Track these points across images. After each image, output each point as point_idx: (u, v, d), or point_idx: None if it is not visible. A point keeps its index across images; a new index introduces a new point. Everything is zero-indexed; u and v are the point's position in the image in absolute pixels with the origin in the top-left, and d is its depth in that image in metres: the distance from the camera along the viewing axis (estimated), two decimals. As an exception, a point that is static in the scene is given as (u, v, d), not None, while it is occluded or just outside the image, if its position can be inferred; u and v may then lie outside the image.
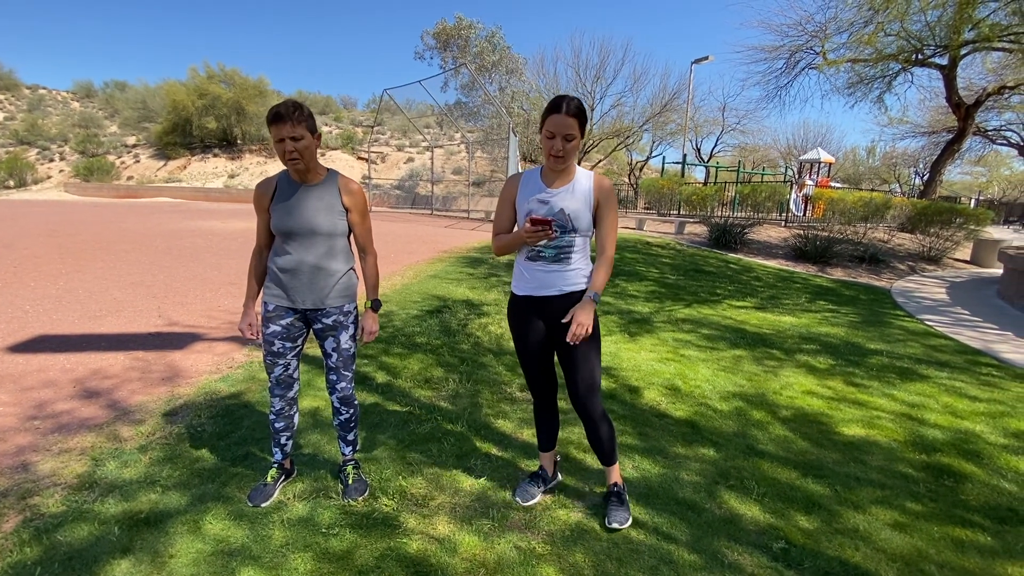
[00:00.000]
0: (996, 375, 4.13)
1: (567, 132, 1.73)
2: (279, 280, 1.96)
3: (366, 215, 2.06)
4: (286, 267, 1.93)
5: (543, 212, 1.83)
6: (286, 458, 2.21)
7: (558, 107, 1.72)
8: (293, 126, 1.77)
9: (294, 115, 1.77)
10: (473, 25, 23.07)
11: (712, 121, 29.96)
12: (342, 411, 2.18)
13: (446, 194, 23.26)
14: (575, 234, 1.85)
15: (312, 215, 1.90)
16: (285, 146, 1.79)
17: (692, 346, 4.45)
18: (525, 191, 1.91)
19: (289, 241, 1.92)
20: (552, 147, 1.76)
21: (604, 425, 2.01)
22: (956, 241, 11.59)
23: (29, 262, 6.58)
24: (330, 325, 2.01)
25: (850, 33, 13.72)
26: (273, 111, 1.77)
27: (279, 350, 2.01)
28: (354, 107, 41.87)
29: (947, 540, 2.05)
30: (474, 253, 8.57)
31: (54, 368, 3.36)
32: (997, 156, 34.98)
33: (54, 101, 38.11)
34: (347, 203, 1.97)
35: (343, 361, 2.08)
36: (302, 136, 1.79)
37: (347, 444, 2.25)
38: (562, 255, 1.87)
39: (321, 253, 1.94)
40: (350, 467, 2.24)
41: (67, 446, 2.45)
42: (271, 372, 2.05)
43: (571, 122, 1.72)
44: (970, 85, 16.04)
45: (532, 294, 1.94)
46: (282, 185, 1.93)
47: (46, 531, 1.87)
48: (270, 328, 1.98)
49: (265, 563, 1.77)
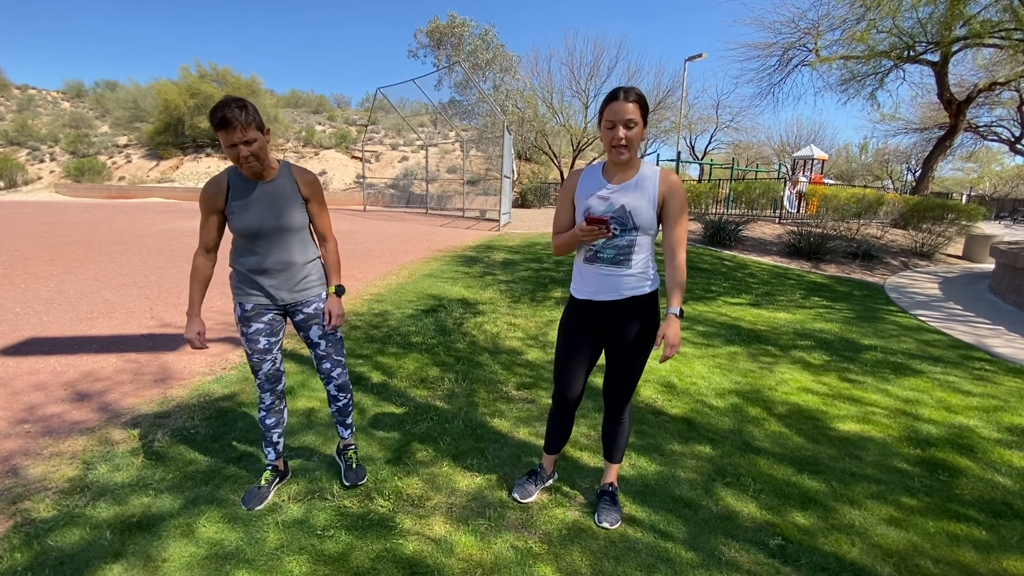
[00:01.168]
0: (989, 369, 4.15)
1: (627, 118, 1.64)
2: (252, 281, 1.93)
3: (324, 203, 2.02)
4: (259, 267, 1.91)
5: (603, 209, 1.73)
6: (279, 458, 2.19)
7: (615, 95, 1.64)
8: (243, 130, 1.69)
9: (242, 118, 1.67)
10: (466, 23, 23.00)
11: (706, 118, 30.11)
12: (340, 398, 2.21)
13: (441, 193, 23.21)
14: (637, 232, 1.74)
15: (278, 213, 1.86)
16: (239, 151, 1.72)
17: (688, 343, 4.45)
18: (585, 187, 1.81)
19: (256, 241, 1.88)
20: (613, 137, 1.66)
21: (627, 424, 2.06)
22: (948, 237, 11.65)
23: (19, 264, 6.51)
24: (311, 314, 2.02)
25: (843, 30, 13.76)
26: (218, 116, 1.66)
27: (265, 346, 1.99)
28: (348, 106, 41.68)
29: (942, 534, 2.05)
30: (469, 252, 8.55)
31: (45, 371, 3.32)
32: (988, 152, 35.26)
33: (44, 101, 37.71)
34: (305, 194, 1.94)
35: (333, 347, 2.09)
36: (254, 138, 1.73)
37: (345, 428, 2.29)
38: (622, 256, 1.76)
39: (291, 248, 1.93)
40: (351, 451, 2.29)
41: (58, 450, 2.42)
42: (259, 370, 2.02)
43: (631, 107, 1.63)
44: (961, 81, 16.15)
45: (591, 299, 1.84)
46: (235, 183, 1.85)
47: (37, 536, 1.85)
48: (252, 327, 1.96)
49: (260, 566, 1.75)
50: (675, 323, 1.70)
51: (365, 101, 39.35)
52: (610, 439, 2.08)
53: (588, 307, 1.87)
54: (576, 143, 24.61)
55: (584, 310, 1.88)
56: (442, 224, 13.98)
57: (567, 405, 2.06)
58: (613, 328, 1.86)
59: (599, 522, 2.00)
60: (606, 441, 2.11)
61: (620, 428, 2.05)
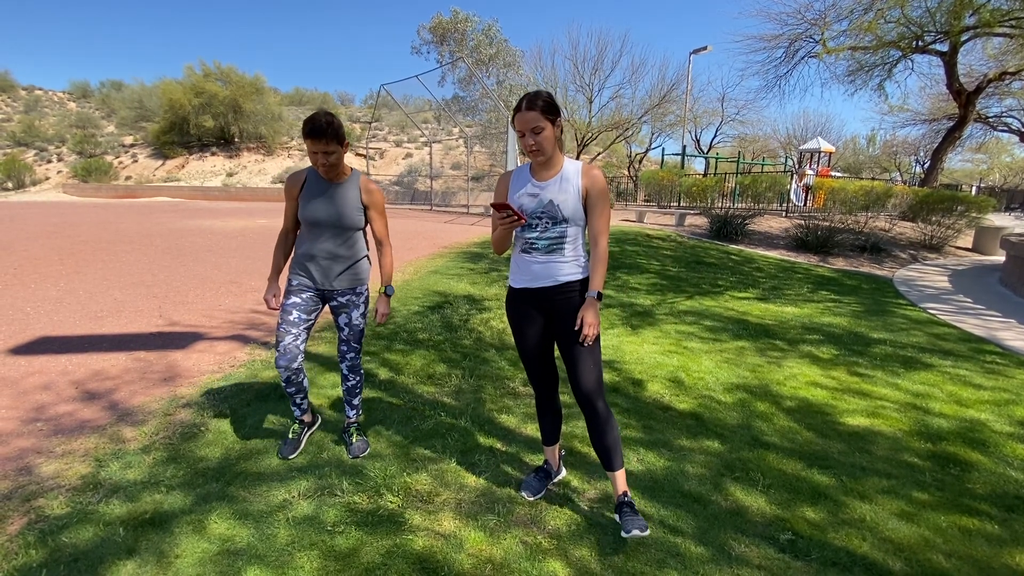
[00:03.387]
0: (1000, 363, 4.11)
1: (533, 126, 1.77)
2: (303, 265, 2.26)
3: (383, 212, 2.33)
4: (309, 253, 2.23)
5: (533, 205, 1.87)
6: (304, 414, 2.47)
7: (519, 106, 1.79)
8: (327, 142, 2.02)
9: (328, 132, 2.00)
10: (469, 18, 22.90)
11: (711, 112, 29.81)
12: (350, 378, 2.46)
13: (445, 189, 23.19)
14: (567, 224, 1.87)
15: (336, 211, 2.18)
16: (319, 159, 2.06)
17: (695, 338, 4.43)
18: (516, 186, 1.94)
19: (313, 230, 2.21)
20: (525, 144, 1.81)
21: (608, 422, 1.92)
22: (958, 229, 11.55)
23: (29, 264, 6.57)
24: (344, 303, 2.32)
25: (850, 20, 13.62)
26: (309, 126, 1.99)
27: (295, 319, 2.24)
28: (351, 103, 41.77)
29: (954, 529, 2.04)
30: (474, 248, 8.54)
31: (55, 370, 3.35)
32: (998, 143, 34.76)
33: (50, 102, 38.00)
34: (366, 201, 2.26)
35: (354, 335, 2.39)
36: (334, 151, 2.06)
37: (352, 408, 2.53)
38: (554, 246, 1.88)
39: (339, 243, 2.23)
40: (353, 429, 2.51)
41: (70, 448, 2.45)
42: (281, 340, 2.22)
43: (533, 116, 1.76)
44: (971, 71, 15.92)
45: (527, 286, 1.95)
46: (311, 179, 2.20)
47: (51, 533, 1.87)
48: (291, 299, 2.25)
49: (271, 562, 1.76)
50: (593, 304, 1.82)
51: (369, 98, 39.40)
52: (597, 441, 1.95)
53: (526, 294, 1.97)
54: (580, 138, 24.50)
55: (522, 298, 1.99)
56: (446, 221, 13.98)
57: (544, 390, 2.12)
58: (553, 315, 1.94)
59: (628, 531, 1.80)
60: (596, 446, 1.97)
61: (600, 426, 1.92)
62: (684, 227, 11.78)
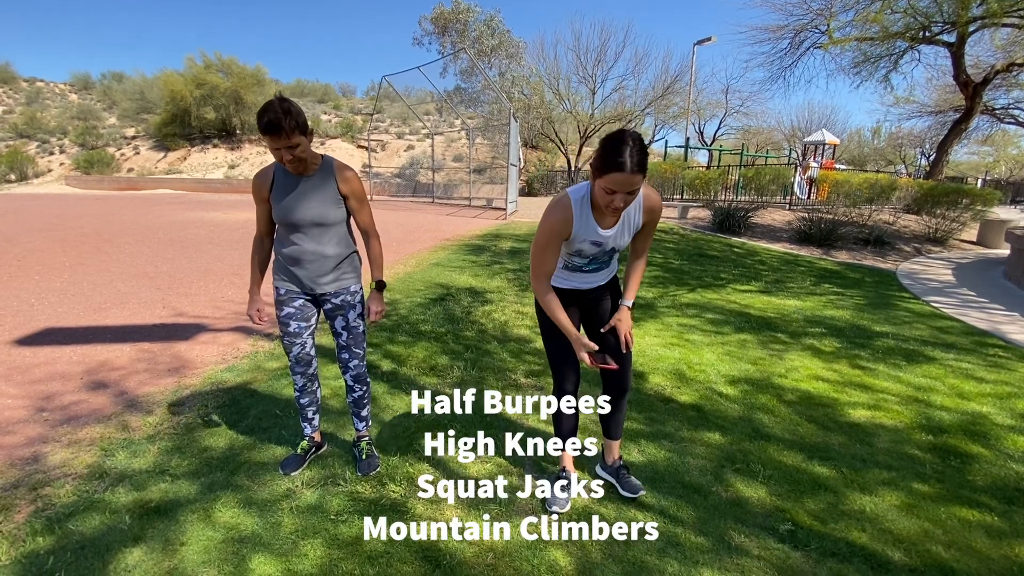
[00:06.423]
0: (1003, 356, 4.11)
1: (631, 189, 1.55)
2: (286, 269, 2.05)
3: (364, 200, 2.09)
4: (292, 256, 2.01)
5: (593, 252, 1.86)
6: (315, 431, 2.34)
7: (622, 165, 1.49)
8: (289, 136, 1.75)
9: (286, 124, 1.73)
10: (471, 9, 22.74)
11: (715, 104, 29.67)
12: (355, 389, 2.27)
13: (447, 182, 23.13)
14: (616, 252, 1.94)
15: (313, 207, 1.95)
16: (283, 155, 1.81)
17: (697, 331, 4.43)
18: (579, 229, 1.77)
19: (292, 232, 1.98)
20: (612, 202, 1.57)
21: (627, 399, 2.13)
22: (962, 222, 11.46)
23: (33, 256, 6.59)
24: (338, 305, 2.11)
25: (856, 11, 13.45)
26: (264, 121, 1.72)
27: (295, 330, 2.11)
28: (353, 95, 41.51)
29: (954, 521, 2.05)
30: (477, 240, 8.54)
31: (61, 360, 3.38)
32: (1005, 135, 34.43)
33: (52, 94, 37.91)
34: (344, 191, 2.00)
35: (353, 339, 2.17)
36: (298, 143, 1.80)
37: (360, 420, 2.35)
38: (601, 267, 1.98)
39: (323, 241, 2.01)
40: (364, 443, 2.33)
41: (76, 437, 2.47)
42: (289, 352, 2.14)
43: (638, 179, 1.52)
44: (978, 63, 15.73)
45: (574, 288, 2.02)
46: (279, 176, 1.95)
47: (58, 521, 1.89)
48: (284, 311, 2.09)
49: (276, 550, 1.79)
50: (626, 312, 1.97)
51: (370, 90, 39.10)
52: (614, 417, 2.13)
53: (569, 293, 2.02)
54: (583, 130, 24.37)
55: (565, 295, 2.00)
56: (448, 213, 13.96)
57: (571, 387, 2.04)
58: (589, 311, 2.05)
59: (633, 492, 2.08)
60: (611, 421, 2.15)
61: (624, 403, 2.11)
62: (687, 220, 11.74)
